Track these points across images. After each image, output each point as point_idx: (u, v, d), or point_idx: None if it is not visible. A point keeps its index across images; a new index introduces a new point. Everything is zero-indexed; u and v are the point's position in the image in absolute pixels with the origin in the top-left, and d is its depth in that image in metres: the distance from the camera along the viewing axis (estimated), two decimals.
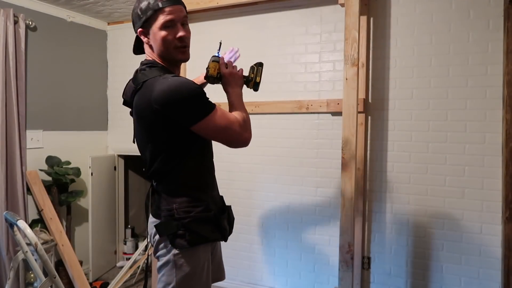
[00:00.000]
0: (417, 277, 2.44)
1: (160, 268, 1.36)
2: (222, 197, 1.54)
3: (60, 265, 2.84)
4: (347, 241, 2.28)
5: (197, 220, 1.34)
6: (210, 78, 1.44)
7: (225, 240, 1.46)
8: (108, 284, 3.02)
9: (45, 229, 2.78)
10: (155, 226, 1.37)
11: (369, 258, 2.56)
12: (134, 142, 1.46)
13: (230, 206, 1.56)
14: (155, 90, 1.25)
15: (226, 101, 1.44)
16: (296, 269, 2.76)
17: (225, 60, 1.47)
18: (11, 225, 1.95)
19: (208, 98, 1.30)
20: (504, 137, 2.17)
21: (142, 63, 1.39)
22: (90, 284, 2.99)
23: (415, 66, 2.40)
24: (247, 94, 2.83)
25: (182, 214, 1.33)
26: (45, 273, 1.91)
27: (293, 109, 2.69)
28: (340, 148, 2.35)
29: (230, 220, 1.52)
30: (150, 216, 1.45)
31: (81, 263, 2.90)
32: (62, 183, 2.92)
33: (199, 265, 1.35)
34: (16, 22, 2.66)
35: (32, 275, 2.63)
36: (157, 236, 1.36)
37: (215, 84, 1.48)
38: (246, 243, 2.89)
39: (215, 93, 1.76)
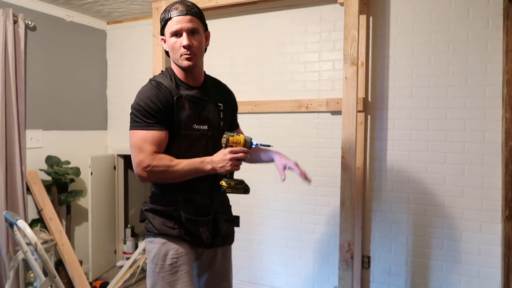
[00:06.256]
0: (417, 276, 2.44)
1: None
2: (212, 205, 1.50)
3: (60, 264, 2.84)
4: (347, 240, 2.28)
5: (152, 211, 1.44)
6: (225, 140, 1.43)
7: (196, 245, 1.45)
8: (108, 283, 3.02)
9: (45, 228, 2.78)
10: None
11: (369, 257, 2.56)
12: None
13: (233, 218, 1.61)
14: None
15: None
16: (296, 268, 2.76)
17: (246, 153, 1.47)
18: (11, 224, 1.95)
19: (149, 118, 1.34)
20: (504, 135, 2.17)
21: None
22: (90, 283, 2.99)
23: (414, 65, 2.40)
24: (247, 93, 2.84)
25: (148, 202, 1.49)
26: (45, 273, 1.92)
27: (293, 108, 2.69)
28: (340, 147, 2.35)
29: (217, 229, 1.49)
30: None
31: (81, 262, 2.90)
32: (61, 183, 2.92)
33: (160, 254, 1.40)
34: (15, 22, 2.65)
35: (32, 275, 2.63)
36: None
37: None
38: (246, 243, 2.89)
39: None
